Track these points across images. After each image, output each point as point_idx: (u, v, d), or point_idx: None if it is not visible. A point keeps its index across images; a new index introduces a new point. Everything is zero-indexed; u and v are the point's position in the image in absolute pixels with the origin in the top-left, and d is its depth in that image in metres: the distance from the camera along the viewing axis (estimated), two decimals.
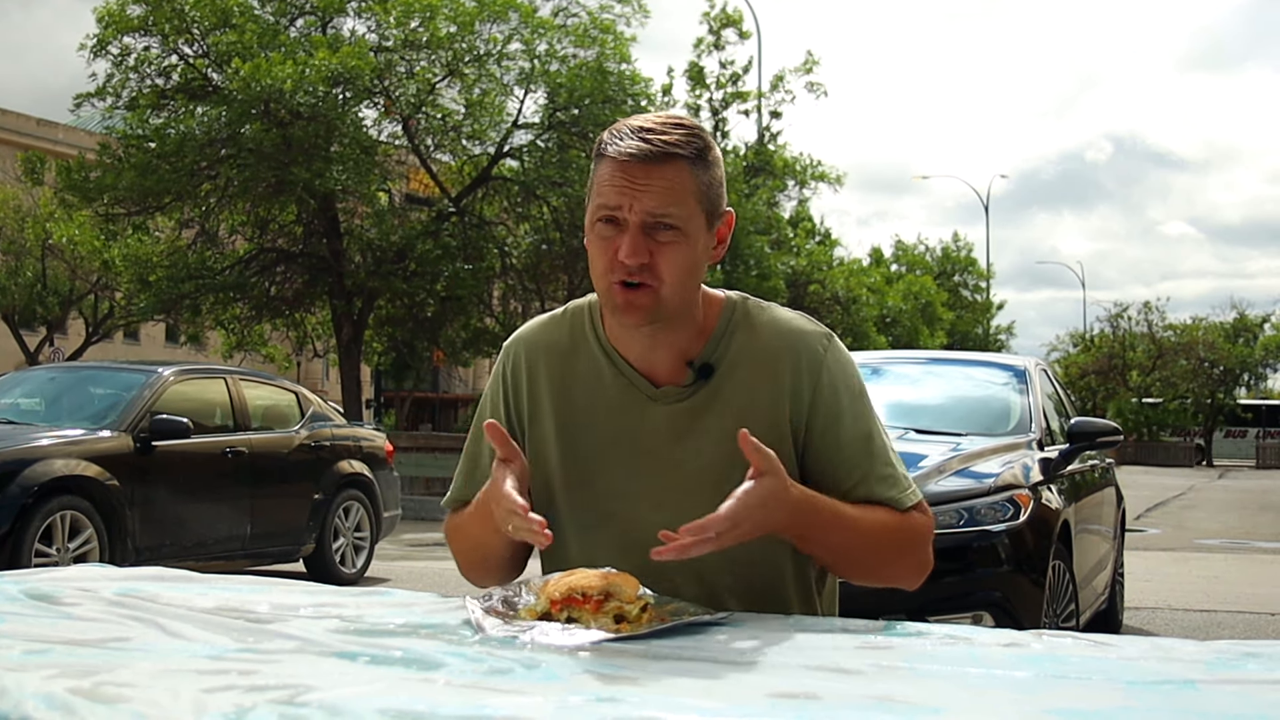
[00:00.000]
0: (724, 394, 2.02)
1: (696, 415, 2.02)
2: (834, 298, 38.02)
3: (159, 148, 23.08)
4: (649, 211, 1.89)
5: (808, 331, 2.07)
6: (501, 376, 2.16)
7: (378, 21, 25.10)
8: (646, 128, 1.92)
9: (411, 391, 50.51)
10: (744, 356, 2.03)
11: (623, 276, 1.91)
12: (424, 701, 1.18)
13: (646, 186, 1.89)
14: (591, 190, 1.96)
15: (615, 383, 2.06)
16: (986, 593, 5.41)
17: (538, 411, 2.10)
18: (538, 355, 2.13)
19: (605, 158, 1.93)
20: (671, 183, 1.90)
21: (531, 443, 2.10)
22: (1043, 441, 6.55)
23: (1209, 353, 62.26)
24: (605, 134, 1.97)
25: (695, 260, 1.96)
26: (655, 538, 1.97)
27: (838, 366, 2.05)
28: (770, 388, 2.01)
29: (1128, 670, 1.42)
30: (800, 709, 1.20)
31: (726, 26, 36.85)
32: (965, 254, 65.02)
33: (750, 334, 2.05)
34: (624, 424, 2.04)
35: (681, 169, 1.91)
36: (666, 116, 1.96)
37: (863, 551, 1.98)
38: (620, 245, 1.91)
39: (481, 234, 25.74)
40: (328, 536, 10.62)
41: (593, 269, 1.98)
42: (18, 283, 32.36)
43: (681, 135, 1.92)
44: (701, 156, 1.94)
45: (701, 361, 2.03)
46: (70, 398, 9.73)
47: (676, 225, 1.91)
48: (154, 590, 1.88)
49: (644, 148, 1.89)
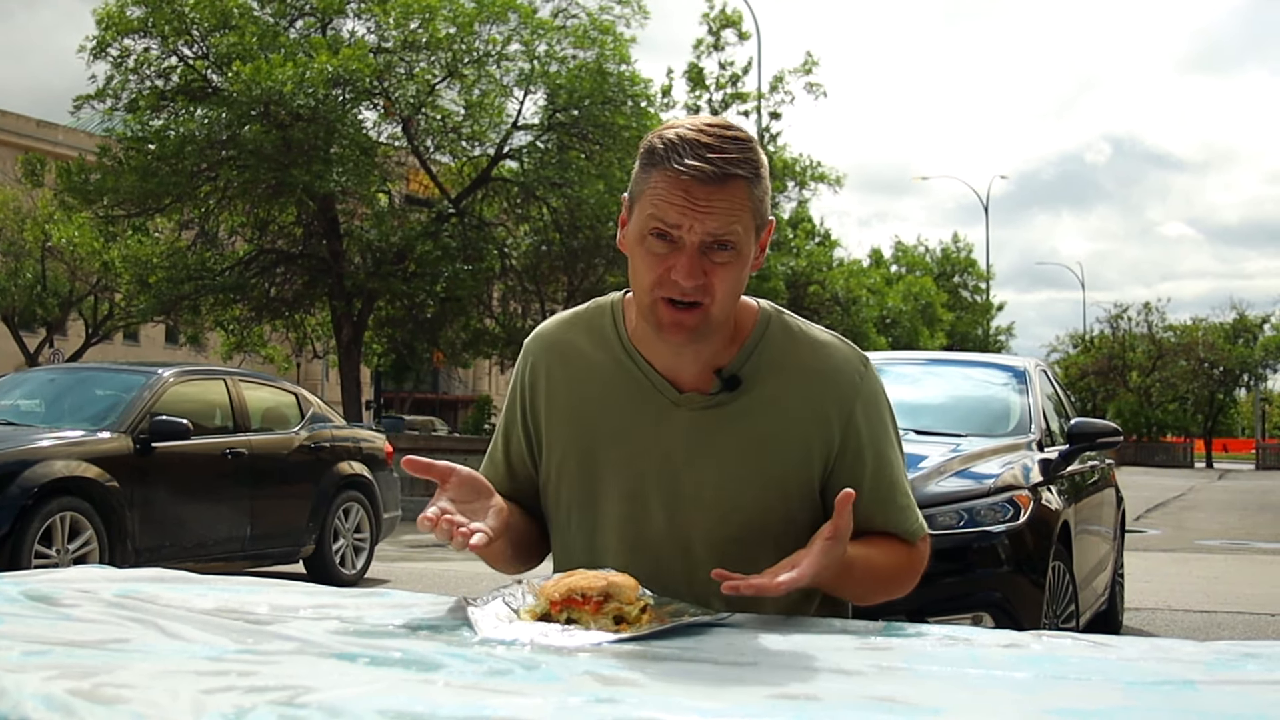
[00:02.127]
0: (751, 408, 1.99)
1: (719, 426, 1.99)
2: (834, 298, 38.06)
3: (159, 149, 23.10)
4: (709, 233, 1.85)
5: (846, 357, 2.04)
6: (520, 377, 2.15)
7: (377, 23, 25.12)
8: (707, 144, 1.85)
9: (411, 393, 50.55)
10: (775, 372, 2.01)
11: (675, 295, 1.88)
12: (423, 702, 1.18)
13: (709, 209, 1.84)
14: (642, 196, 1.90)
15: (636, 385, 2.03)
16: (986, 593, 5.40)
17: (554, 412, 2.08)
18: (555, 356, 2.11)
19: (662, 169, 1.86)
20: (732, 203, 1.85)
21: (548, 443, 2.09)
22: (1043, 442, 6.54)
23: (1209, 353, 62.32)
24: (659, 139, 1.89)
25: (744, 276, 1.94)
26: (663, 542, 1.98)
27: (871, 397, 2.03)
28: (800, 409, 1.99)
29: (1127, 671, 1.42)
30: (800, 710, 1.20)
31: (726, 27, 36.87)
32: (965, 255, 65.11)
33: (784, 351, 2.02)
34: (642, 427, 2.01)
35: (740, 188, 1.86)
36: (722, 129, 1.89)
37: (875, 588, 2.00)
38: (674, 264, 1.86)
39: (481, 235, 25.75)
40: (327, 538, 10.61)
41: (636, 279, 1.94)
42: (17, 284, 32.39)
43: (741, 153, 1.87)
44: (758, 173, 1.89)
45: (730, 372, 2.00)
46: (70, 399, 9.72)
47: (733, 245, 1.87)
48: (153, 591, 1.88)
49: (708, 169, 1.83)
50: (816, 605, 2.08)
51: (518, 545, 2.06)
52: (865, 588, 1.97)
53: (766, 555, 1.88)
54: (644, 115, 25.87)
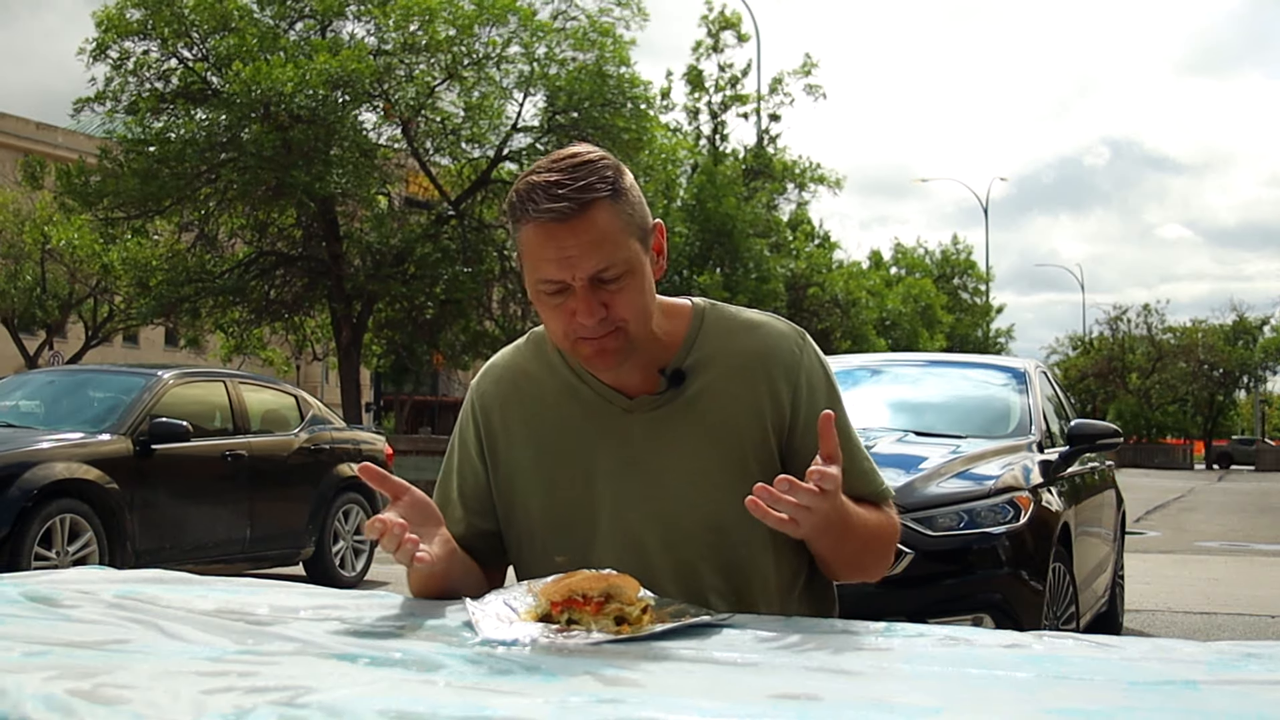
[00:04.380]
0: (701, 398, 2.03)
1: (674, 422, 2.02)
2: (833, 300, 38.05)
3: (159, 152, 23.07)
4: (591, 268, 1.86)
5: (783, 333, 2.09)
6: (471, 413, 2.16)
7: (377, 25, 25.11)
8: (556, 181, 1.84)
9: (411, 395, 50.54)
10: (718, 359, 2.04)
11: (586, 335, 1.90)
12: (424, 702, 1.17)
13: (579, 247, 1.84)
14: (523, 258, 1.92)
15: (589, 402, 2.06)
16: (987, 595, 5.39)
17: (511, 441, 2.10)
18: (507, 385, 2.13)
19: (525, 222, 1.87)
20: (602, 231, 1.85)
21: (505, 472, 2.10)
22: (1043, 444, 6.54)
23: (1208, 355, 62.35)
24: (515, 193, 1.90)
25: (648, 288, 1.95)
26: (647, 543, 1.99)
27: (814, 366, 2.08)
28: (748, 389, 2.03)
29: (1129, 671, 1.42)
30: (802, 709, 1.20)
31: (725, 29, 36.93)
32: (964, 257, 65.10)
33: (723, 337, 2.06)
34: (603, 440, 2.04)
35: (604, 210, 1.86)
36: (569, 159, 1.88)
37: (868, 545, 2.02)
38: (574, 307, 1.88)
39: (481, 237, 25.74)
40: (327, 539, 10.61)
41: (548, 330, 1.97)
42: (17, 286, 32.39)
43: (590, 175, 1.86)
44: (617, 188, 1.88)
45: (673, 368, 2.03)
46: (70, 401, 9.72)
47: (622, 267, 1.88)
48: (153, 593, 1.88)
49: (563, 207, 1.83)
50: (801, 587, 2.10)
51: (456, 582, 1.97)
52: (860, 542, 1.99)
53: (746, 539, 1.96)
54: (644, 118, 25.88)
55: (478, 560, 2.08)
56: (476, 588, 1.97)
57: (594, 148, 1.93)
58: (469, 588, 1.94)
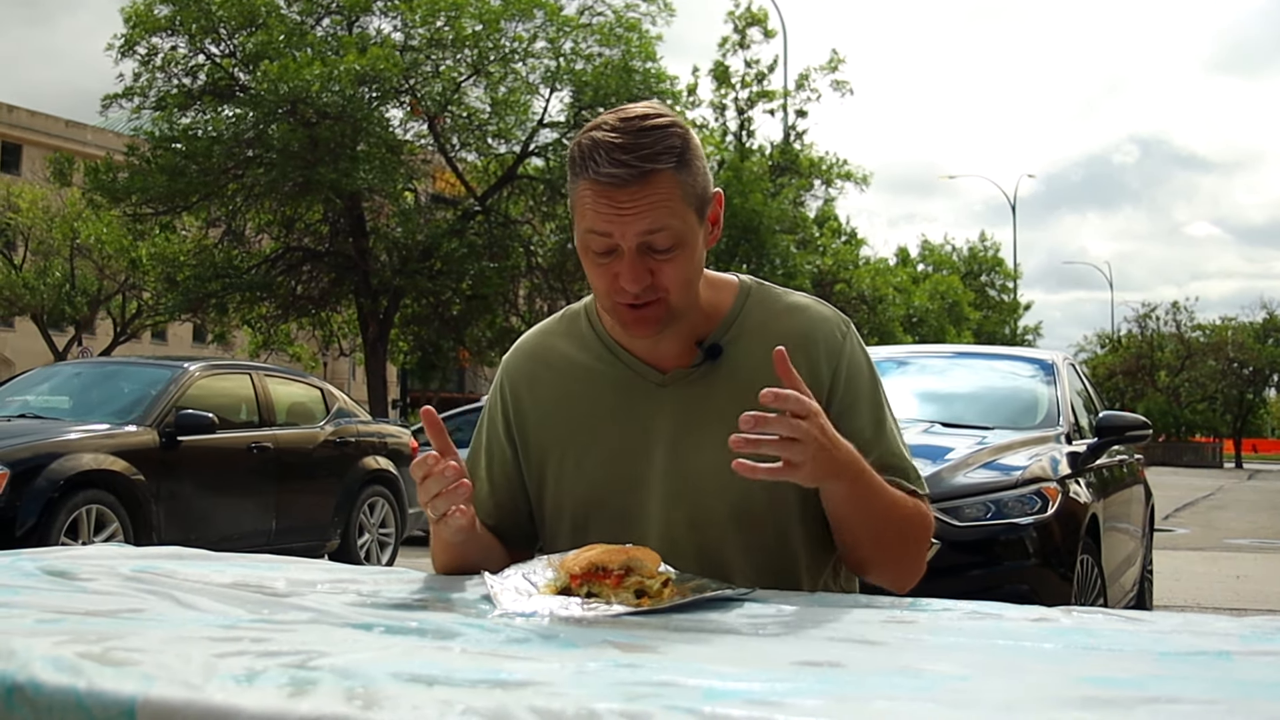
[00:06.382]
0: (738, 374, 1.98)
1: (708, 396, 1.98)
2: (860, 297, 37.91)
3: (186, 148, 23.18)
4: (642, 233, 1.83)
5: (826, 317, 2.05)
6: (500, 391, 2.14)
7: (403, 20, 25.16)
8: (621, 145, 1.79)
9: (438, 391, 50.64)
10: (758, 337, 2.00)
11: (629, 300, 1.88)
12: (438, 666, 1.16)
13: (635, 211, 1.80)
14: (576, 207, 1.88)
15: (622, 376, 2.03)
16: (1014, 586, 5.34)
17: (542, 417, 2.07)
18: (537, 362, 2.11)
19: (584, 179, 1.83)
20: (660, 198, 1.81)
21: (535, 449, 2.07)
22: (1070, 435, 6.48)
23: (1238, 353, 61.90)
24: (577, 146, 1.85)
25: (697, 260, 1.91)
26: (672, 524, 1.96)
27: (856, 353, 2.04)
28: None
29: (1160, 642, 1.39)
30: (824, 676, 1.17)
31: (752, 25, 36.81)
32: (992, 254, 64.82)
33: (766, 317, 2.03)
34: (635, 415, 2.01)
35: (665, 180, 1.82)
36: (638, 120, 1.82)
37: (895, 528, 1.93)
38: (619, 270, 1.85)
39: (507, 232, 25.77)
40: (352, 532, 10.64)
41: (592, 286, 1.94)
42: (46, 283, 32.58)
43: (657, 143, 1.81)
44: (683, 158, 1.84)
45: (711, 342, 2.00)
46: (96, 393, 9.77)
47: (673, 238, 1.85)
48: (171, 567, 1.87)
49: (623, 174, 1.79)
50: (828, 574, 2.04)
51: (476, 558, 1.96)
52: (889, 517, 1.91)
53: (778, 518, 1.92)
54: None
55: (501, 539, 2.07)
56: (498, 565, 1.94)
57: (665, 109, 1.88)
58: (490, 564, 1.90)
